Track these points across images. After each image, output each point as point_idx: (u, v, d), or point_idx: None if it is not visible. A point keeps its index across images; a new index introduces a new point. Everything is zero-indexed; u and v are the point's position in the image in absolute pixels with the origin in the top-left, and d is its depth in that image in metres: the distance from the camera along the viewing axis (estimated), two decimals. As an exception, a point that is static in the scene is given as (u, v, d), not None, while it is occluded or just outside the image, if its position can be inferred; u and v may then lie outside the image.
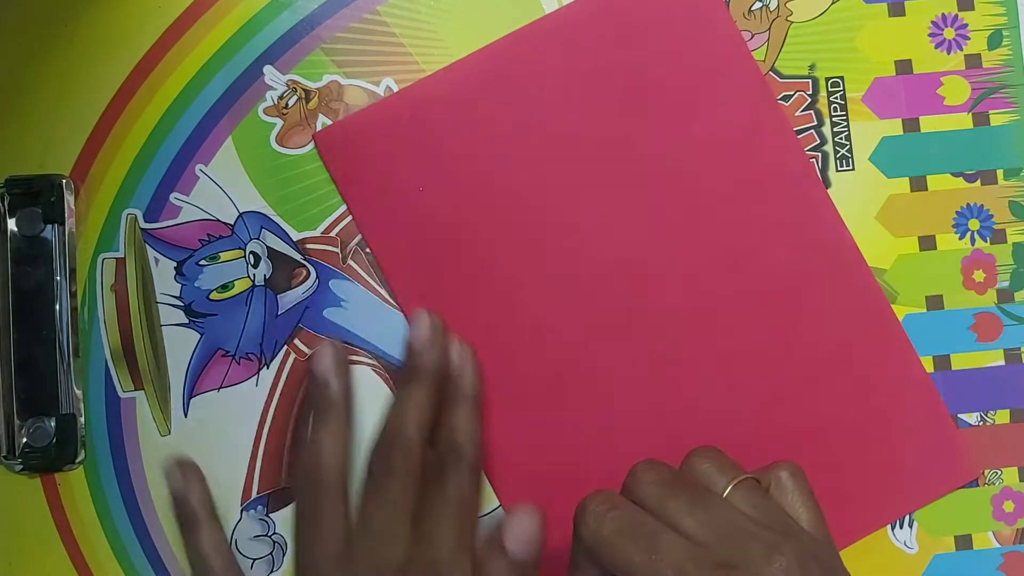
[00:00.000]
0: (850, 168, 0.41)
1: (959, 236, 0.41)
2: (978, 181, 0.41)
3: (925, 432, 0.41)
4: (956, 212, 0.41)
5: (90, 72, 0.41)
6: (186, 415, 0.41)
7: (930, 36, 0.41)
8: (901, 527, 0.41)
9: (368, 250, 0.41)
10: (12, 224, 0.40)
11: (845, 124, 0.41)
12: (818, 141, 0.41)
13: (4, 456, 0.40)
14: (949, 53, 0.42)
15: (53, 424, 0.40)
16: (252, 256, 0.41)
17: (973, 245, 0.41)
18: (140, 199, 0.41)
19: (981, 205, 0.41)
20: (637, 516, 0.34)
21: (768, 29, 0.41)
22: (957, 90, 0.41)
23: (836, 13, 0.41)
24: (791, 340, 0.41)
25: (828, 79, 0.41)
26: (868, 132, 0.41)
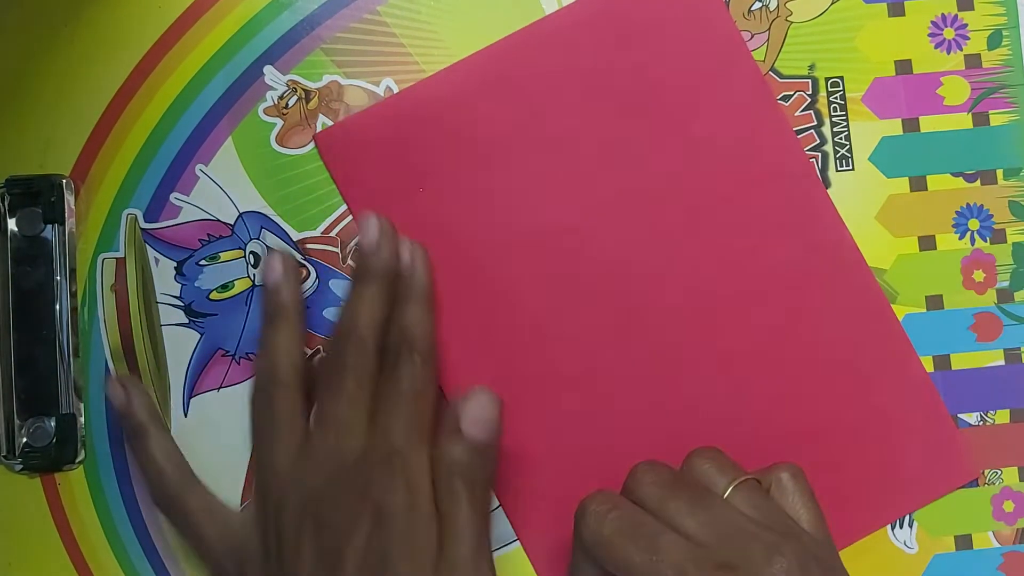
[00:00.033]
0: (850, 168, 0.41)
1: (959, 236, 0.41)
2: (978, 181, 0.41)
3: (925, 432, 0.41)
4: (956, 212, 0.41)
5: (90, 72, 0.41)
6: (186, 415, 0.41)
7: (930, 36, 0.41)
8: (901, 527, 0.41)
9: (368, 250, 0.41)
10: (12, 224, 0.40)
11: (845, 124, 0.41)
12: (818, 141, 0.41)
13: (4, 456, 0.40)
14: (949, 53, 0.42)
15: (53, 424, 0.40)
16: (252, 256, 0.41)
17: (973, 245, 0.41)
18: (140, 199, 0.41)
19: (981, 205, 0.41)
20: (637, 516, 0.34)
21: (768, 29, 0.41)
22: (957, 90, 0.41)
23: (836, 13, 0.41)
24: (791, 340, 0.41)
25: (828, 79, 0.41)
26: (868, 132, 0.41)
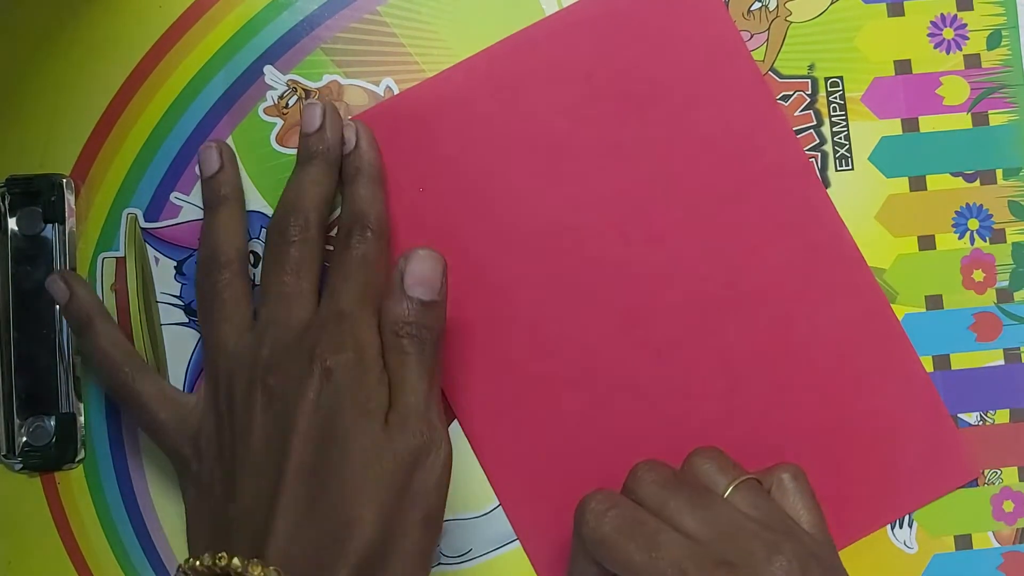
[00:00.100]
0: (849, 168, 0.41)
1: (958, 236, 0.41)
2: (977, 181, 0.41)
3: (925, 432, 0.41)
4: (955, 212, 0.41)
5: (90, 72, 0.41)
6: (186, 415, 0.40)
7: (929, 36, 0.42)
8: (901, 527, 0.41)
9: (368, 250, 0.41)
10: (12, 223, 0.40)
11: (844, 124, 0.41)
12: (817, 141, 0.41)
13: (4, 455, 0.40)
14: (948, 53, 0.42)
15: (53, 423, 0.40)
16: (252, 256, 0.41)
17: (972, 245, 0.41)
18: (140, 198, 0.41)
19: (980, 205, 0.41)
20: (637, 515, 0.34)
21: (767, 29, 0.41)
22: (956, 90, 0.41)
23: (835, 13, 0.41)
24: (791, 340, 0.40)
25: (827, 79, 0.41)
26: (867, 132, 0.41)
